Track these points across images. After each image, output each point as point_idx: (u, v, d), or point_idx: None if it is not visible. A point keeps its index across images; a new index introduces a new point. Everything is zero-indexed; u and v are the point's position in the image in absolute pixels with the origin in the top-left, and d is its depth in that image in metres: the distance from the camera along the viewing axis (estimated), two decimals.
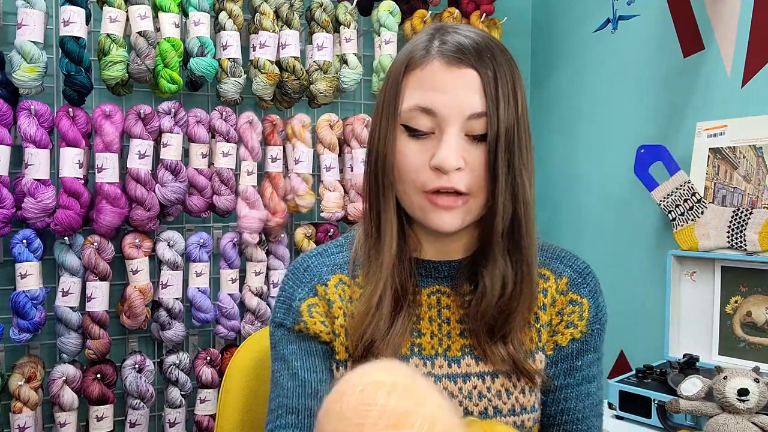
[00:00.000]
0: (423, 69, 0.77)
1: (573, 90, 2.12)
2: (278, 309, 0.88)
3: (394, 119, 0.78)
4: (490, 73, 0.76)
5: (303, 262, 0.89)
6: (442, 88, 0.76)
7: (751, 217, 1.49)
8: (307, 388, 0.83)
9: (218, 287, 1.79)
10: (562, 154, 2.17)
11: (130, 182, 1.62)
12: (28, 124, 1.52)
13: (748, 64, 1.59)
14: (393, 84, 0.80)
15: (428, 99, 0.76)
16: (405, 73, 0.78)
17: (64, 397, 1.58)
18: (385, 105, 0.80)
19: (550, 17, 2.25)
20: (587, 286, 0.90)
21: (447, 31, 0.80)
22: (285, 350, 0.85)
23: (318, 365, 0.84)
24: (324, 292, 0.86)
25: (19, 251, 1.54)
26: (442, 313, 0.86)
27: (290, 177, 1.83)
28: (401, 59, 0.80)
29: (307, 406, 0.82)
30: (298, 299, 0.86)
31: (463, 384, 0.83)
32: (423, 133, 0.77)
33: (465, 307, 0.85)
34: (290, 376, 0.83)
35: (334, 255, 0.89)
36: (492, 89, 0.75)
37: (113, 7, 1.57)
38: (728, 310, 1.55)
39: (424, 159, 0.77)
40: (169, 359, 1.73)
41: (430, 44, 0.78)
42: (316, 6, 1.83)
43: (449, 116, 0.75)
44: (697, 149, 1.63)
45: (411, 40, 0.83)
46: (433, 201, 0.77)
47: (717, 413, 1.18)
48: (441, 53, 0.77)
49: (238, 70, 1.72)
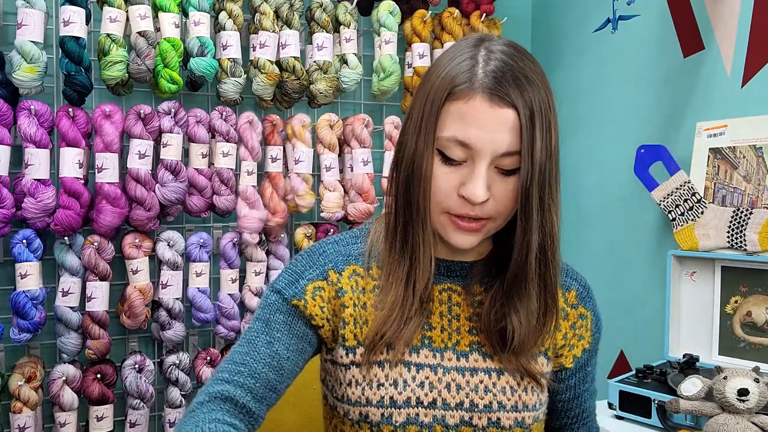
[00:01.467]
0: (466, 103, 0.78)
1: (573, 90, 2.12)
2: (282, 278, 0.89)
3: (431, 142, 0.80)
4: (527, 112, 0.77)
5: (320, 246, 0.92)
6: (481, 125, 0.77)
7: (751, 217, 1.49)
8: (275, 360, 0.84)
9: (218, 287, 1.79)
10: (563, 154, 2.16)
11: (130, 182, 1.62)
12: (28, 124, 1.52)
13: (748, 64, 1.59)
14: (433, 107, 0.80)
15: (468, 134, 0.78)
16: (447, 100, 0.79)
17: (64, 397, 1.58)
18: (423, 124, 0.81)
19: (550, 17, 2.24)
20: (591, 299, 0.97)
21: (490, 50, 0.80)
22: (272, 316, 0.87)
23: (295, 345, 0.86)
24: (336, 279, 0.88)
25: (19, 251, 1.54)
26: (453, 310, 0.89)
27: (290, 177, 1.83)
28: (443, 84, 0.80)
29: (269, 377, 0.84)
30: (307, 278, 0.88)
31: (470, 377, 0.87)
32: (456, 162, 0.80)
33: (475, 306, 0.89)
34: (267, 342, 0.85)
35: (350, 245, 0.92)
36: (529, 129, 0.77)
37: (113, 7, 1.57)
38: (728, 310, 1.55)
39: (454, 185, 0.80)
40: (169, 359, 1.73)
41: (473, 71, 0.79)
42: (316, 6, 1.83)
43: (483, 151, 0.78)
44: (697, 149, 1.63)
45: (451, 53, 0.83)
46: (456, 223, 0.82)
47: (717, 413, 1.18)
48: (484, 87, 0.77)
49: (238, 70, 1.72)
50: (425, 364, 0.86)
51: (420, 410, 0.84)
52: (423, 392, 0.84)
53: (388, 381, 0.84)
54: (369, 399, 0.84)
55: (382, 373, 0.85)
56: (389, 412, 0.84)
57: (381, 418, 0.84)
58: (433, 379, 0.85)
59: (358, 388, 0.85)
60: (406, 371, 0.85)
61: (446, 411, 0.85)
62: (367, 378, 0.85)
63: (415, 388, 0.84)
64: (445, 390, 0.85)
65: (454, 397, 0.85)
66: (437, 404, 0.85)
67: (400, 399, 0.84)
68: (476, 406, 0.85)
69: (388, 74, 1.87)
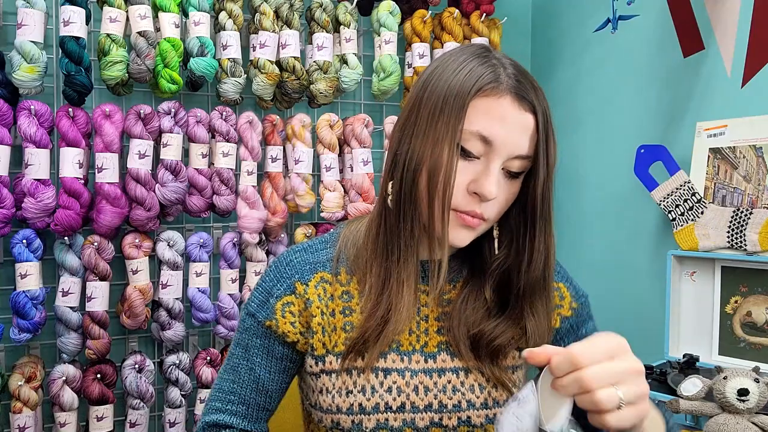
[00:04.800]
0: (496, 100, 0.79)
1: (573, 90, 2.12)
2: (254, 298, 0.91)
3: (455, 136, 0.79)
4: (543, 119, 0.80)
5: (287, 256, 0.92)
6: (506, 125, 0.78)
7: (751, 217, 1.49)
8: (260, 385, 0.89)
9: (218, 287, 1.79)
10: (563, 154, 2.16)
11: (130, 182, 1.62)
12: (28, 124, 1.52)
13: (748, 64, 1.59)
14: (456, 102, 0.79)
15: (493, 131, 0.78)
16: (475, 95, 0.79)
17: (64, 397, 1.58)
18: (440, 119, 0.79)
19: (550, 17, 2.24)
20: (558, 273, 0.95)
21: (497, 57, 0.82)
22: (250, 341, 0.90)
23: (275, 366, 0.89)
24: (303, 291, 0.89)
25: (19, 251, 1.54)
26: (421, 311, 0.89)
27: (290, 177, 1.83)
28: (469, 81, 0.79)
29: (258, 401, 0.90)
30: (275, 296, 0.89)
31: (438, 378, 0.87)
32: (471, 156, 0.80)
33: (443, 305, 0.89)
34: (248, 369, 0.89)
35: (318, 251, 0.92)
36: (544, 135, 0.80)
37: (113, 7, 1.57)
38: (728, 310, 1.55)
39: (465, 180, 0.80)
40: (169, 359, 1.73)
41: (497, 71, 0.80)
42: (316, 6, 1.83)
43: (501, 150, 0.79)
44: (697, 149, 1.63)
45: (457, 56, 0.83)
46: (461, 218, 0.82)
47: (717, 413, 1.18)
48: (512, 89, 0.79)
49: (238, 70, 1.72)
50: (393, 369, 0.86)
51: (389, 415, 0.84)
52: (391, 397, 0.85)
53: (356, 388, 0.85)
54: (339, 406, 0.85)
55: (351, 380, 0.85)
56: (359, 418, 0.84)
57: (352, 424, 0.84)
58: (401, 383, 0.85)
59: (328, 396, 0.86)
60: (373, 377, 0.85)
61: (415, 414, 0.85)
62: (337, 386, 0.85)
63: (383, 394, 0.85)
64: (413, 393, 0.85)
65: (422, 400, 0.85)
66: (406, 408, 0.85)
67: (368, 405, 0.84)
68: (445, 406, 0.85)
69: (388, 74, 1.87)
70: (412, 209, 0.82)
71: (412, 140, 0.81)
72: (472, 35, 2.05)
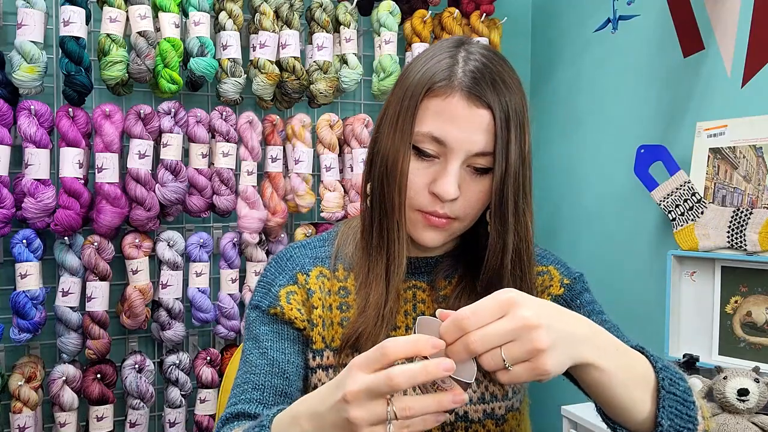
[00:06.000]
0: (444, 100, 0.78)
1: (573, 90, 2.12)
2: (257, 292, 0.91)
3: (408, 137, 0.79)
4: (503, 115, 0.78)
5: (287, 252, 0.93)
6: (458, 124, 0.77)
7: (751, 217, 1.49)
8: (275, 367, 0.85)
9: (218, 287, 1.79)
10: (562, 154, 2.17)
11: (130, 182, 1.62)
12: (28, 124, 1.52)
13: (748, 64, 1.59)
14: (410, 102, 0.80)
15: (444, 132, 0.78)
16: (425, 96, 0.79)
17: (64, 397, 1.58)
18: (399, 119, 0.80)
19: (550, 17, 2.24)
20: (547, 258, 0.94)
21: (470, 51, 0.81)
22: (257, 330, 0.87)
23: (288, 347, 0.86)
24: (305, 281, 0.89)
25: (19, 251, 1.54)
26: (417, 308, 0.89)
27: (290, 177, 1.83)
28: (422, 79, 0.80)
29: (274, 384, 0.84)
30: (278, 285, 0.89)
31: None
32: (429, 157, 0.80)
33: (439, 302, 0.89)
34: (260, 354, 0.86)
35: (317, 248, 0.93)
36: (503, 131, 0.78)
37: (113, 7, 1.57)
38: (728, 310, 1.55)
39: (425, 181, 0.80)
40: (169, 359, 1.73)
41: (452, 69, 0.79)
42: (316, 6, 1.83)
43: (457, 150, 0.78)
44: (697, 149, 1.63)
45: (430, 52, 0.83)
46: (426, 218, 0.81)
47: (717, 413, 1.18)
48: (463, 86, 0.78)
49: (238, 70, 1.72)
50: None
51: None
52: None
53: None
54: None
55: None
56: None
57: None
58: None
59: None
60: None
61: None
62: None
63: None
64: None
65: None
66: None
67: None
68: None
69: (388, 74, 1.87)
70: (382, 208, 0.83)
71: (384, 139, 0.82)
72: (472, 35, 2.05)
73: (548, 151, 2.20)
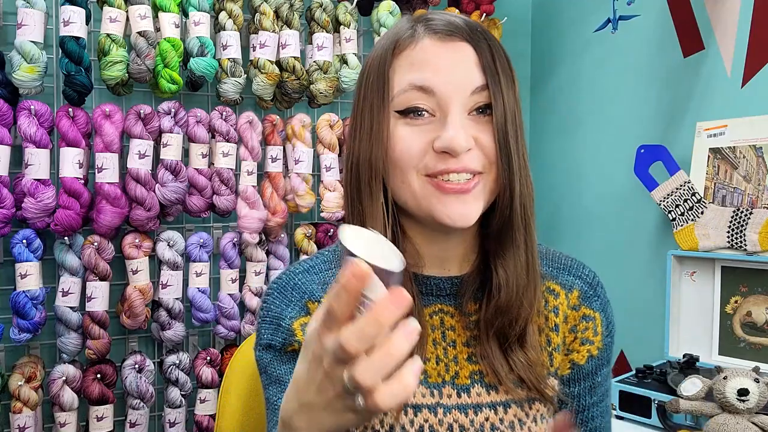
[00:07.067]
0: (413, 48, 0.71)
1: (573, 90, 2.12)
2: (264, 330, 0.79)
3: (383, 108, 0.71)
4: (485, 47, 0.71)
5: (289, 279, 0.81)
6: (437, 65, 0.70)
7: (751, 217, 1.49)
8: None
9: (218, 287, 1.79)
10: (562, 154, 2.17)
11: (130, 182, 1.62)
12: (28, 124, 1.52)
13: (748, 64, 1.59)
14: (378, 71, 0.72)
15: (424, 78, 0.70)
16: (393, 56, 0.72)
17: (64, 397, 1.58)
18: (368, 97, 0.72)
19: (550, 17, 2.24)
20: (598, 298, 0.85)
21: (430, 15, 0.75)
22: (278, 372, 0.77)
23: None
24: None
25: (19, 251, 1.54)
26: (447, 336, 0.78)
27: (290, 177, 1.83)
28: (384, 45, 0.73)
29: None
30: (289, 318, 0.78)
31: (474, 416, 0.76)
32: (421, 115, 0.70)
33: (471, 328, 0.78)
34: None
35: (323, 272, 0.81)
36: (490, 62, 0.70)
37: (113, 7, 1.57)
38: (728, 310, 1.55)
39: (425, 142, 0.70)
40: (169, 359, 1.73)
41: (415, 27, 0.73)
42: (316, 6, 1.83)
43: (450, 95, 0.69)
44: (697, 149, 1.63)
45: (390, 30, 0.77)
46: (441, 187, 0.70)
47: (717, 413, 1.18)
48: (430, 30, 0.71)
49: (238, 70, 1.72)
50: (423, 405, 0.75)
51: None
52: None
53: (384, 428, 0.74)
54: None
55: (377, 420, 0.75)
56: None
57: None
58: (433, 421, 0.75)
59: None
60: (402, 415, 0.74)
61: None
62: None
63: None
64: None
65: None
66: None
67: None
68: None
69: None
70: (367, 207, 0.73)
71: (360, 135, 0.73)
72: None
73: (548, 151, 2.20)
